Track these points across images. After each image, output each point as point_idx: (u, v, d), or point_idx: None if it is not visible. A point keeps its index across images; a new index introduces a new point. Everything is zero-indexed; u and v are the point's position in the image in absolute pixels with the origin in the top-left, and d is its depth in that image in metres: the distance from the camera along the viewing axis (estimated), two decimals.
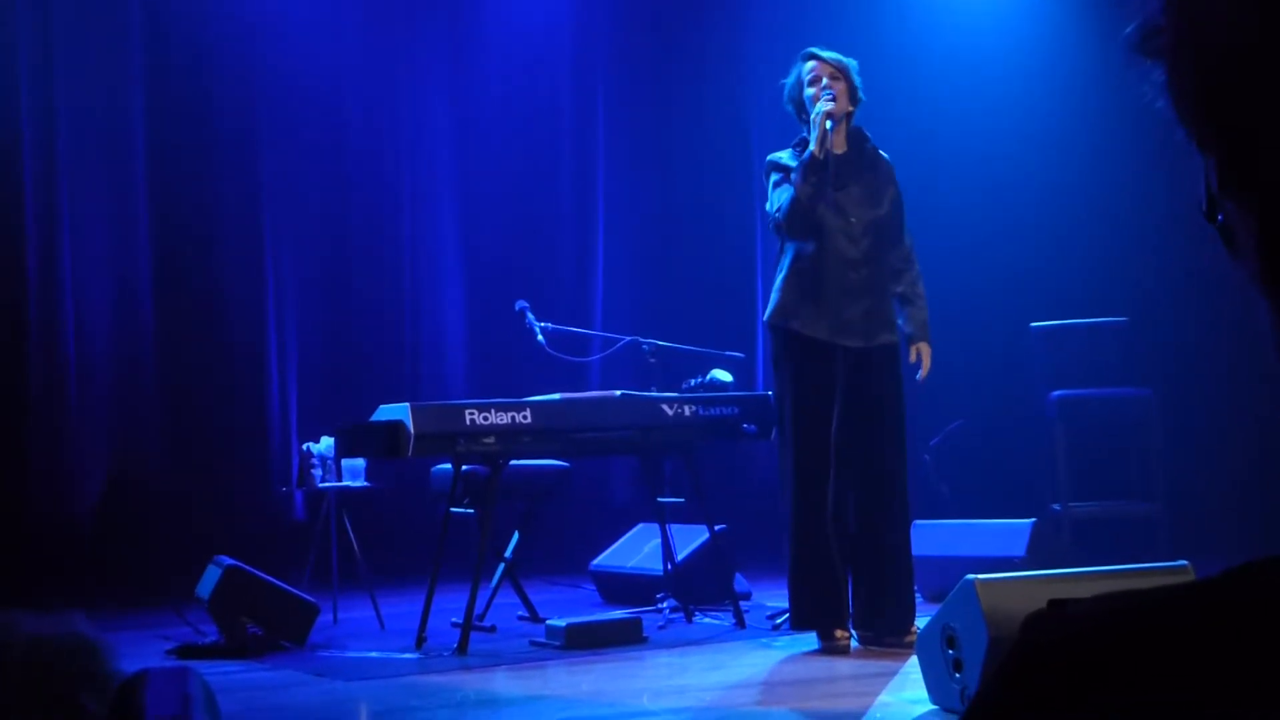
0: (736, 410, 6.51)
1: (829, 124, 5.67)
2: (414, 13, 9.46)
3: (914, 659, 4.84)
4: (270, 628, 6.15)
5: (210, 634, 6.27)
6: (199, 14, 8.74)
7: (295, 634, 6.20)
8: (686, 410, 6.40)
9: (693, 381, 6.82)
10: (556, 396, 6.34)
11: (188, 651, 6.06)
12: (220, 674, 5.53)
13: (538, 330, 7.02)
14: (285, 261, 8.99)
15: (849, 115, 5.85)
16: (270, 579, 6.27)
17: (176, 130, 8.65)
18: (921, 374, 5.97)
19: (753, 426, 6.50)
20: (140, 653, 5.85)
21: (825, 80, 5.78)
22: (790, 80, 5.91)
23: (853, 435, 5.74)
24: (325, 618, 6.54)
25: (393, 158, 9.42)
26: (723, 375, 6.83)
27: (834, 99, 5.70)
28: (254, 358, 8.82)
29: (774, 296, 5.91)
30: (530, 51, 9.82)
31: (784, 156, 5.89)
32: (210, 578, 6.24)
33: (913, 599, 5.88)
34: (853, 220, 5.78)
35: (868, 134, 5.95)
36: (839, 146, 5.83)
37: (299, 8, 9.08)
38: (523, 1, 9.82)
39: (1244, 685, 0.63)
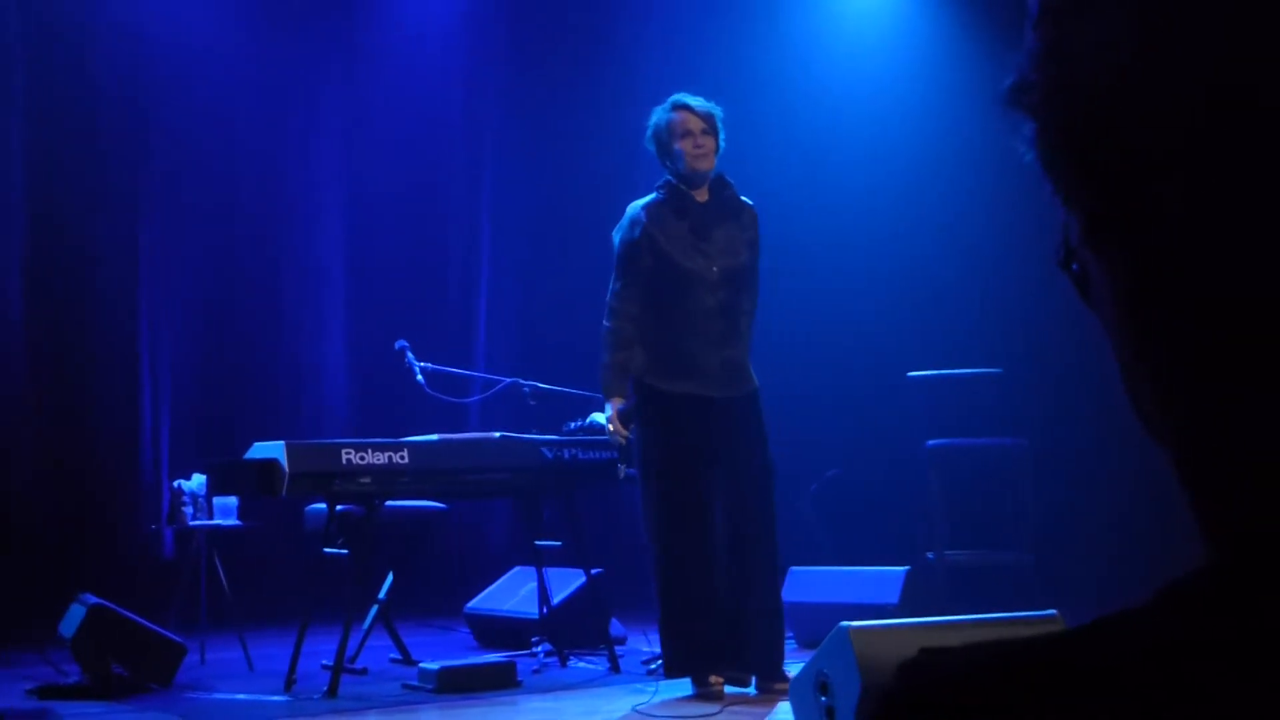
0: (615, 454, 6.51)
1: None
2: (304, 46, 9.39)
3: (786, 705, 4.84)
4: (135, 668, 6.02)
5: (73, 674, 6.12)
6: (84, 24, 8.57)
7: (161, 675, 6.07)
8: (566, 453, 6.39)
9: (572, 424, 6.80)
10: (434, 437, 6.30)
11: (49, 692, 5.91)
12: (83, 716, 5.41)
13: (417, 370, 6.96)
14: (160, 291, 8.84)
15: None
16: (136, 618, 6.14)
17: (55, 150, 8.48)
18: None
19: (632, 470, 6.49)
20: None
21: (694, 136, 5.77)
22: (661, 123, 5.88)
23: (720, 483, 5.75)
24: (193, 658, 6.42)
25: (276, 191, 9.33)
26: (602, 419, 6.81)
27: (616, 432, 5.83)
28: (125, 389, 8.64)
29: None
30: (420, 88, 9.80)
31: (649, 203, 5.90)
32: (74, 616, 6.09)
33: (784, 645, 5.89)
34: (714, 269, 5.78)
35: (730, 180, 5.95)
36: (700, 196, 5.86)
37: (187, 31, 8.95)
38: (415, 39, 9.79)
39: None
